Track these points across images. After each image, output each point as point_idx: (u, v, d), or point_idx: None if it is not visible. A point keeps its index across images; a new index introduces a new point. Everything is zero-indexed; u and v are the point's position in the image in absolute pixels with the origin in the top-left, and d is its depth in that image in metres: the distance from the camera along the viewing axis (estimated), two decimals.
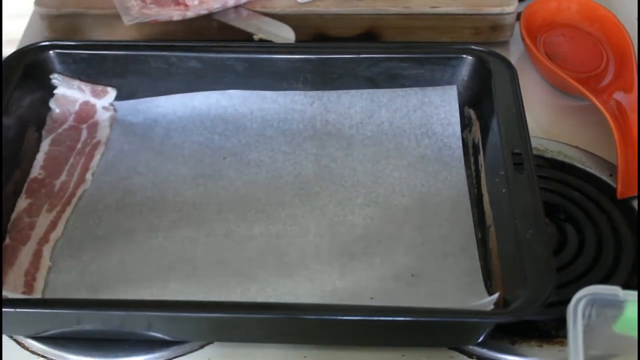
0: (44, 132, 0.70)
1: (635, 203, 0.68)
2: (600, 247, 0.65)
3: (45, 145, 0.69)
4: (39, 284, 0.60)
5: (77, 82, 0.71)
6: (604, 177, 0.70)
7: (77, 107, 0.71)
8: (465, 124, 0.70)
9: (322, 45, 0.79)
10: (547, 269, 0.54)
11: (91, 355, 0.59)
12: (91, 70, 0.71)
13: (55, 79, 0.71)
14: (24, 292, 0.59)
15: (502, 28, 0.82)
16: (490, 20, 0.81)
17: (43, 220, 0.64)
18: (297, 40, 0.78)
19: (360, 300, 0.58)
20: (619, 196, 0.68)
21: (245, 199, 0.66)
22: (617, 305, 0.48)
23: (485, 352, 0.59)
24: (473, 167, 0.68)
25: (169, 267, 0.61)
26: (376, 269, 0.61)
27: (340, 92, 0.71)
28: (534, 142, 0.64)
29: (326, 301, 0.58)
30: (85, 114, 0.71)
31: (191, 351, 0.59)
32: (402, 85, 0.71)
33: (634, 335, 0.49)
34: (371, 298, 0.59)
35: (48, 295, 0.60)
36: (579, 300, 0.48)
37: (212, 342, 0.60)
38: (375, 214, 0.65)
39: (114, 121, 0.71)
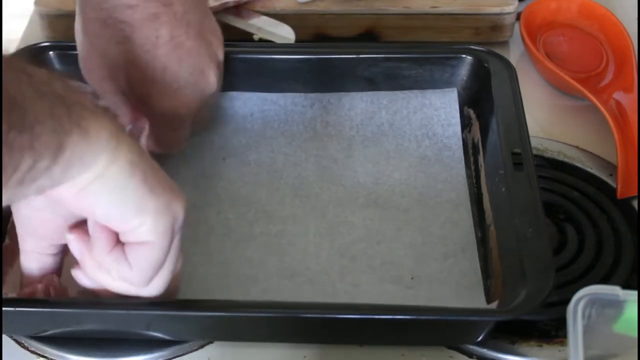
0: None
1: (635, 203, 0.68)
2: (600, 247, 0.65)
3: None
4: None
5: (76, 83, 0.71)
6: (604, 177, 0.70)
7: None
8: (464, 123, 0.70)
9: (322, 45, 0.79)
10: (547, 267, 0.54)
11: (91, 355, 0.59)
12: None
13: None
14: None
15: (502, 28, 0.82)
16: (490, 20, 0.81)
17: None
18: (297, 40, 0.78)
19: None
20: (619, 196, 0.68)
21: (245, 199, 0.66)
22: (617, 305, 0.48)
23: (485, 352, 0.59)
24: (473, 167, 0.68)
25: None
26: (376, 270, 0.61)
27: (341, 94, 0.71)
28: (534, 142, 0.64)
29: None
30: None
31: (191, 351, 0.59)
32: (402, 85, 0.71)
33: (634, 335, 0.49)
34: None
35: None
36: (579, 300, 0.48)
37: (212, 342, 0.60)
38: (376, 215, 0.65)
39: None
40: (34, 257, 0.54)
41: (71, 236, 0.51)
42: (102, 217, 0.49)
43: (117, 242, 0.50)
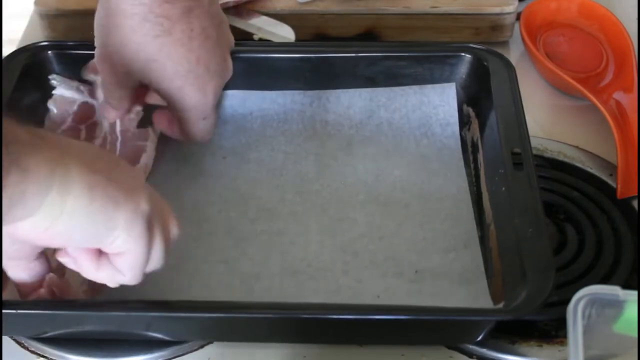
0: None
1: (635, 203, 0.68)
2: (600, 247, 0.65)
3: None
4: None
5: (75, 83, 0.71)
6: (604, 177, 0.70)
7: (75, 107, 0.70)
8: (464, 122, 0.70)
9: (322, 44, 0.79)
10: (547, 267, 0.54)
11: (91, 355, 0.59)
12: None
13: (54, 79, 0.70)
14: None
15: (502, 28, 0.82)
16: (490, 20, 0.81)
17: None
18: (297, 40, 0.78)
19: (364, 299, 0.59)
20: (619, 196, 0.68)
21: (246, 197, 0.66)
22: (617, 305, 0.48)
23: (485, 351, 0.59)
24: (472, 166, 0.68)
25: (171, 266, 0.61)
26: (379, 265, 0.61)
27: (339, 91, 0.71)
28: (534, 142, 0.64)
29: (331, 300, 0.58)
30: (84, 115, 0.70)
31: (191, 351, 0.59)
32: (402, 84, 0.71)
33: (634, 335, 0.49)
34: (378, 296, 0.59)
35: None
36: (579, 300, 0.48)
37: (212, 342, 0.60)
38: (377, 211, 0.65)
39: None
40: (19, 268, 0.54)
41: (64, 259, 0.51)
42: (77, 246, 0.49)
43: (101, 253, 0.50)
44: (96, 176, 0.46)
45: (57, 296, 0.55)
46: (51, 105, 0.70)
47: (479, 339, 0.57)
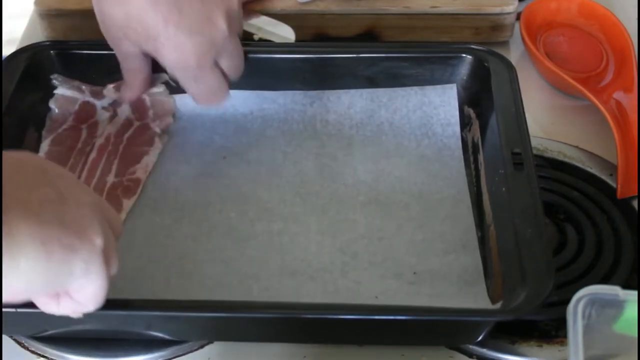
0: (44, 133, 0.69)
1: (635, 203, 0.68)
2: (600, 247, 0.65)
3: (45, 146, 0.68)
4: None
5: (77, 82, 0.71)
6: (604, 177, 0.70)
7: (76, 107, 0.71)
8: (464, 123, 0.70)
9: (322, 45, 0.79)
10: (546, 268, 0.54)
11: (91, 355, 0.59)
12: (91, 70, 0.72)
13: (56, 79, 0.71)
14: None
15: (502, 28, 0.82)
16: (490, 20, 0.81)
17: None
18: (297, 40, 0.78)
19: (363, 301, 0.59)
20: (619, 196, 0.68)
21: (246, 197, 0.66)
22: (617, 305, 0.48)
23: (485, 351, 0.59)
24: (473, 166, 0.68)
25: (170, 265, 0.61)
26: (378, 267, 0.61)
27: (340, 91, 0.71)
28: (534, 142, 0.64)
29: (329, 301, 0.58)
30: (85, 114, 0.70)
31: (191, 351, 0.60)
32: (402, 85, 0.71)
33: (634, 335, 0.49)
34: (376, 297, 0.59)
35: None
36: (579, 300, 0.48)
37: (212, 342, 0.60)
38: (376, 212, 0.65)
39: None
40: None
41: None
42: (36, 295, 0.48)
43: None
44: (46, 228, 0.44)
45: None
46: (52, 105, 0.70)
47: (479, 339, 0.57)
